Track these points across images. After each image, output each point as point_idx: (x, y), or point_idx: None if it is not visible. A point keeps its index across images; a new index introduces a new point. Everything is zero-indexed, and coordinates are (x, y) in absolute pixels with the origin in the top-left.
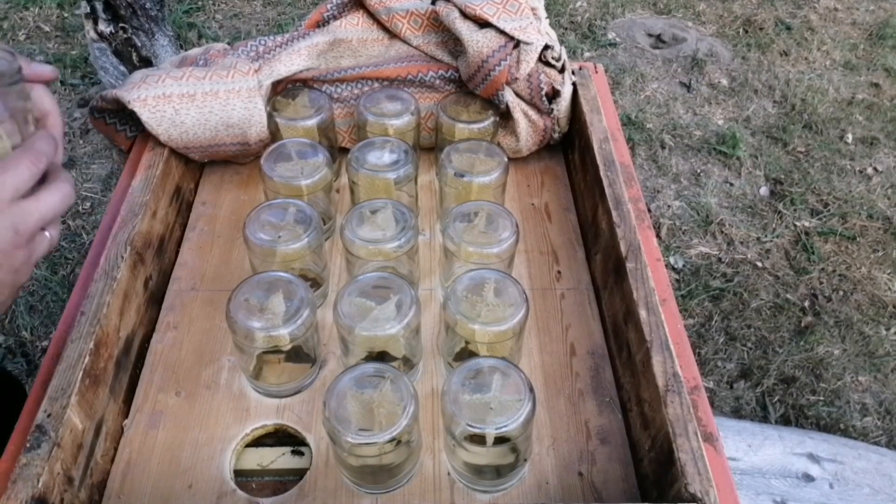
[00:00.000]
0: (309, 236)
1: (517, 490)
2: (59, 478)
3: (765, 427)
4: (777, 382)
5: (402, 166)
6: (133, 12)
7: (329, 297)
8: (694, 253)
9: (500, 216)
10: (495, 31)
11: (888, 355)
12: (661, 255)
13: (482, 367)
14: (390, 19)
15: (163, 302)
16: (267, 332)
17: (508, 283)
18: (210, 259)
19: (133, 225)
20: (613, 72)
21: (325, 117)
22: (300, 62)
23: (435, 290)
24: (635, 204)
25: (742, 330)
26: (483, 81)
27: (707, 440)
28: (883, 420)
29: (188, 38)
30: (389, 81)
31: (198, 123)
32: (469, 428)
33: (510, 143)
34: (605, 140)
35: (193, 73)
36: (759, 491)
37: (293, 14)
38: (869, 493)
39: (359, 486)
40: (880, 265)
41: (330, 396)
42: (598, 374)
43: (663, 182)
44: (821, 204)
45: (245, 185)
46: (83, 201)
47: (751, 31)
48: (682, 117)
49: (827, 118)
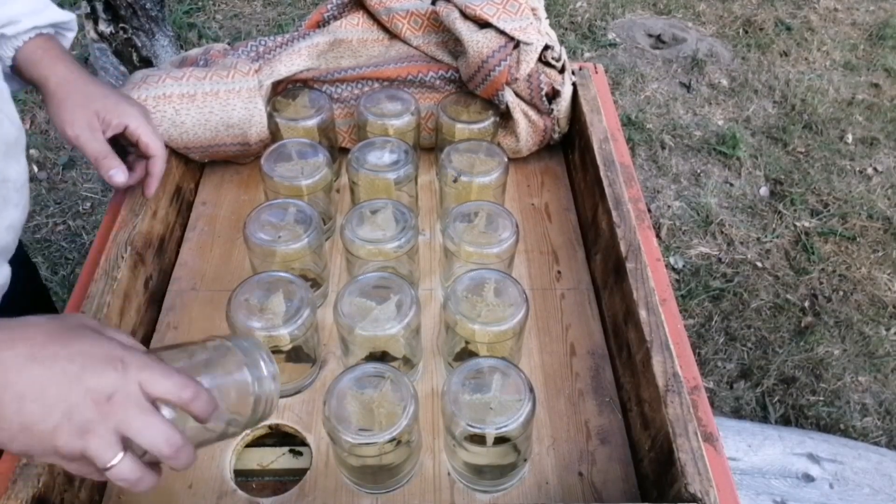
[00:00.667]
0: (309, 236)
1: (517, 490)
2: (59, 478)
3: (765, 427)
4: (777, 382)
5: (402, 166)
6: (133, 12)
7: (329, 297)
8: (694, 253)
9: (500, 216)
10: (495, 31)
11: (888, 355)
12: (661, 255)
13: (482, 367)
14: (390, 19)
15: (163, 302)
16: (267, 332)
17: (508, 283)
18: (210, 259)
19: (133, 225)
20: (613, 72)
21: (325, 117)
22: (300, 62)
23: (435, 290)
24: (635, 204)
25: (742, 330)
26: (483, 81)
27: (707, 440)
28: (883, 420)
29: (188, 38)
30: (389, 81)
31: (198, 123)
32: (469, 428)
33: (510, 143)
34: (605, 140)
35: (194, 73)
36: (759, 491)
37: (293, 14)
38: (869, 493)
39: (359, 486)
40: (880, 265)
41: (330, 396)
42: (598, 374)
43: (663, 182)
44: (821, 204)
45: (245, 185)
46: (83, 201)
47: (751, 32)
48: (682, 117)
49: (827, 118)
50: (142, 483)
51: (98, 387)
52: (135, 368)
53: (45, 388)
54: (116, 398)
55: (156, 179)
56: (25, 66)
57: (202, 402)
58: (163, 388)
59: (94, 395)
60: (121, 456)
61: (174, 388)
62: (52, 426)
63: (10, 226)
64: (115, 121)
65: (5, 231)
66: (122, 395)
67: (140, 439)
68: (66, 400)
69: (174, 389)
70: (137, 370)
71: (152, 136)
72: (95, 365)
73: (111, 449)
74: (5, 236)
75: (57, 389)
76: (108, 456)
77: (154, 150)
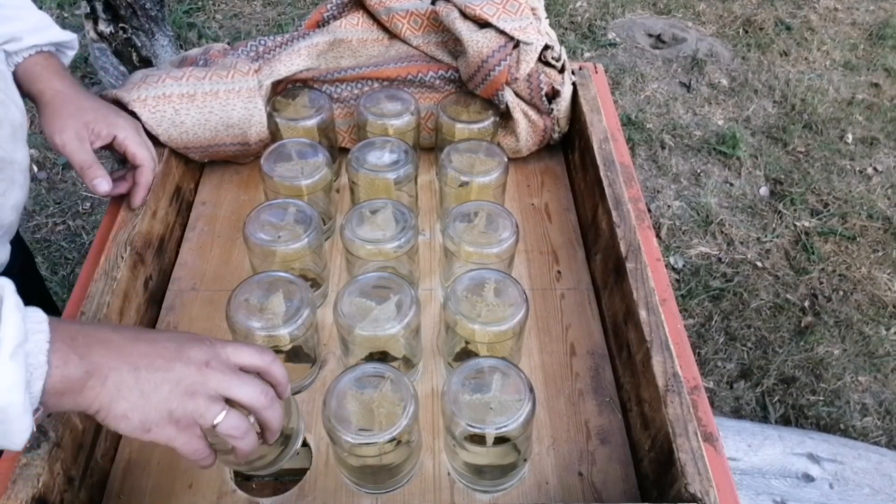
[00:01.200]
0: (309, 236)
1: (517, 490)
2: (59, 478)
3: (765, 427)
4: (777, 382)
5: (402, 166)
6: (133, 12)
7: (329, 297)
8: (694, 253)
9: (500, 216)
10: (495, 31)
11: (888, 355)
12: (661, 255)
13: (482, 367)
14: (390, 19)
15: (163, 302)
16: (267, 332)
17: (508, 283)
18: (210, 259)
19: (133, 225)
20: (613, 72)
21: (325, 117)
22: (300, 62)
23: (435, 290)
24: (635, 204)
25: (742, 330)
26: (483, 81)
27: (707, 440)
28: (883, 420)
29: (188, 38)
30: (389, 81)
31: (198, 123)
32: (469, 428)
33: (510, 143)
34: (605, 140)
35: (193, 73)
36: (759, 491)
37: (293, 14)
38: (869, 493)
39: (359, 486)
40: (880, 265)
41: (330, 396)
42: (598, 374)
43: (663, 182)
44: (821, 204)
45: (245, 185)
46: (83, 201)
47: (751, 31)
48: (682, 117)
49: (827, 118)
50: (249, 437)
51: (196, 356)
52: (219, 344)
53: (154, 360)
54: (213, 363)
55: (142, 189)
56: (24, 80)
57: (278, 367)
58: (246, 354)
59: (195, 362)
60: (225, 412)
61: (255, 353)
62: (166, 392)
63: (14, 205)
64: (104, 131)
65: (11, 210)
66: (217, 361)
67: (238, 394)
68: (172, 368)
69: (256, 355)
70: (222, 345)
71: (140, 146)
72: (190, 341)
73: (215, 405)
74: (10, 215)
75: (164, 361)
76: (215, 411)
77: (141, 160)
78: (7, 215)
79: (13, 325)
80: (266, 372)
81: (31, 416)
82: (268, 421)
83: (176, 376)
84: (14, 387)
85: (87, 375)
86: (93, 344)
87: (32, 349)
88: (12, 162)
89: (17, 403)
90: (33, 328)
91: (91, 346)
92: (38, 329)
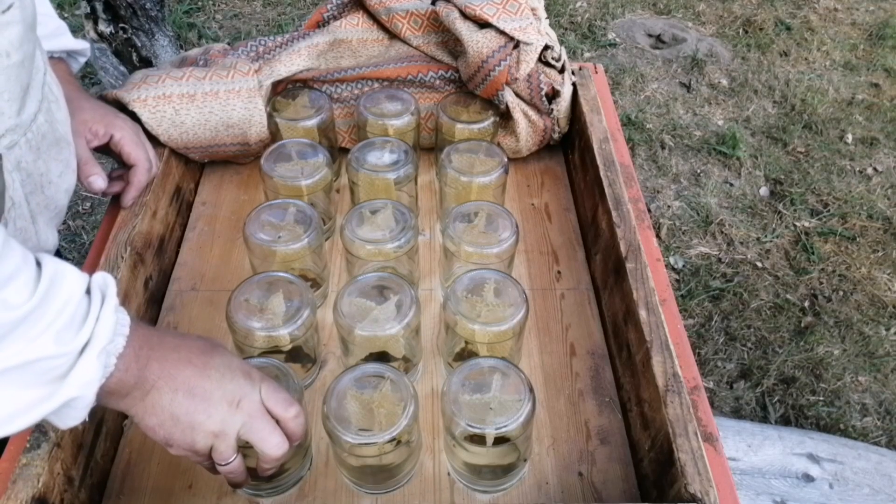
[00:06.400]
0: (309, 236)
1: (517, 490)
2: (59, 478)
3: (765, 427)
4: (777, 382)
5: (402, 166)
6: (133, 12)
7: (329, 297)
8: (694, 253)
9: (500, 216)
10: (495, 31)
11: (888, 355)
12: (661, 255)
13: (482, 367)
14: (390, 19)
15: (163, 302)
16: (267, 332)
17: (508, 284)
18: (210, 259)
19: (133, 225)
20: (613, 72)
21: (325, 117)
22: (300, 62)
23: (435, 290)
24: (635, 204)
25: (742, 330)
26: (483, 81)
27: (707, 440)
28: (883, 420)
29: (188, 38)
30: (389, 81)
31: (198, 123)
32: (469, 428)
33: (510, 143)
34: (605, 140)
35: (193, 73)
36: (759, 491)
37: (293, 14)
38: (869, 493)
39: (359, 487)
40: (880, 265)
41: (330, 396)
42: (598, 374)
43: (663, 182)
44: (821, 204)
45: (245, 185)
46: (83, 201)
47: (751, 32)
48: (682, 117)
49: (827, 118)
50: (241, 478)
51: (232, 391)
52: (258, 379)
53: (194, 387)
54: (244, 403)
55: (134, 189)
56: None
57: (299, 423)
58: (276, 401)
59: (227, 400)
60: (233, 459)
61: (284, 404)
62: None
63: (67, 189)
64: (102, 131)
65: (64, 193)
66: (248, 401)
67: (255, 440)
68: (209, 399)
69: (283, 405)
70: (261, 380)
71: (136, 147)
72: (235, 374)
73: (231, 450)
74: (64, 198)
75: (202, 391)
76: (227, 455)
77: (135, 160)
78: (61, 198)
79: (108, 327)
80: (284, 425)
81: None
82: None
83: (208, 410)
84: (91, 382)
85: (135, 386)
86: (151, 359)
87: (112, 349)
88: (70, 143)
89: (88, 396)
90: (119, 330)
91: (150, 360)
92: (122, 332)
